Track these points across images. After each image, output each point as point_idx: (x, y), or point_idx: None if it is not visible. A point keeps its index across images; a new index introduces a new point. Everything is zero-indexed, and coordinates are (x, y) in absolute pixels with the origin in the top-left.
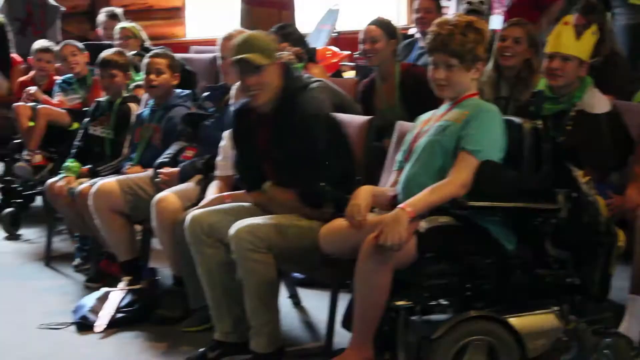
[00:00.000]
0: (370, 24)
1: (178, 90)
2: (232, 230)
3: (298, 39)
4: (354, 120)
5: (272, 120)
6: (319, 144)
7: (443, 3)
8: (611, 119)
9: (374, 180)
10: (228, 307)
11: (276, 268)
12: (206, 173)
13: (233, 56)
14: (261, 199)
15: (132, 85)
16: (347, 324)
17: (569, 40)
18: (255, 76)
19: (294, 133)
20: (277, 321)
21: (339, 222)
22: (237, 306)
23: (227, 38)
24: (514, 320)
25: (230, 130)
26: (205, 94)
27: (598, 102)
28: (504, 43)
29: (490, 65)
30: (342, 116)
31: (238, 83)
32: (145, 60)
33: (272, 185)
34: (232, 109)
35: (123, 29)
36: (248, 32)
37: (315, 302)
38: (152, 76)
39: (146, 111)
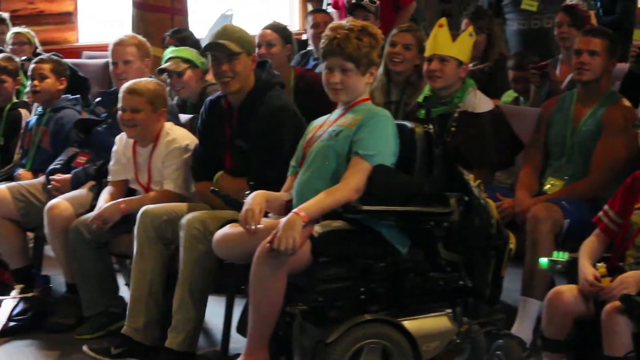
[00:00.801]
0: (265, 28)
1: (66, 95)
2: (185, 219)
3: (193, 44)
4: None
5: (241, 112)
6: (284, 139)
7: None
8: (494, 118)
9: None
10: (147, 306)
11: (216, 265)
12: (99, 179)
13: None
14: (205, 190)
15: (26, 90)
16: (242, 329)
17: (445, 42)
18: (229, 63)
19: (262, 124)
20: (199, 323)
21: (234, 228)
22: (155, 308)
23: (118, 43)
24: (408, 323)
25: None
26: (98, 99)
27: (480, 102)
28: (394, 49)
29: (380, 70)
30: None
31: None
32: (31, 66)
33: (223, 174)
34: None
35: (18, 34)
36: (138, 36)
37: (211, 307)
38: (36, 82)
39: (34, 117)
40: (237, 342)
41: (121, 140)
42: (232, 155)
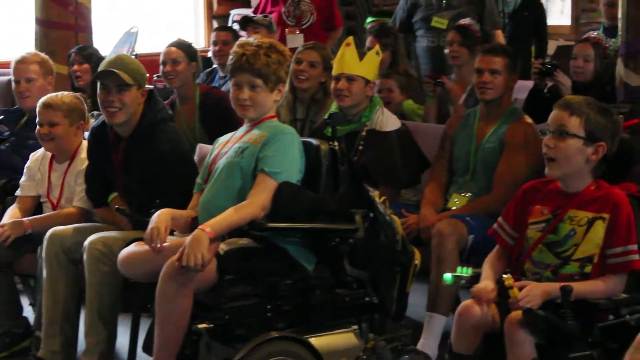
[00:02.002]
0: (170, 46)
1: None
2: (87, 241)
3: (99, 61)
4: None
5: (127, 148)
6: (172, 182)
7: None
8: (401, 136)
9: None
10: (62, 326)
11: (122, 284)
12: (2, 197)
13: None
14: (107, 215)
15: None
16: (148, 348)
17: (352, 61)
18: (118, 94)
19: (149, 166)
20: (111, 342)
21: (139, 246)
22: (71, 329)
23: (21, 61)
24: (314, 340)
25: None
26: (0, 117)
27: (387, 121)
28: (300, 66)
29: (286, 87)
30: None
31: None
32: None
33: (117, 197)
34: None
35: None
36: (40, 54)
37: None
38: None
39: None
40: None
41: (36, 156)
42: (121, 190)
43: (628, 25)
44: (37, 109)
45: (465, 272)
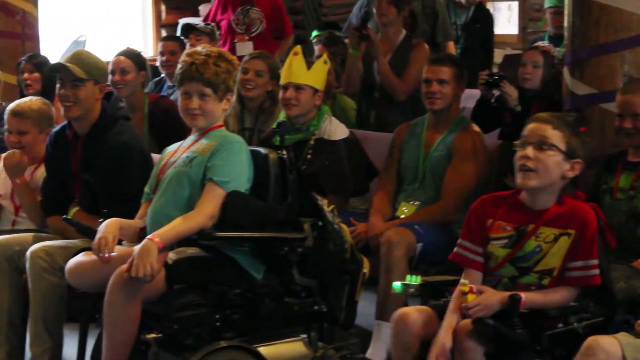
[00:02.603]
0: (119, 55)
1: None
2: (29, 250)
3: (49, 70)
4: None
5: (86, 143)
6: (131, 176)
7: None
8: (349, 145)
9: None
10: (7, 336)
11: (67, 293)
12: None
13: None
14: (58, 224)
15: None
16: (96, 358)
17: (300, 70)
18: (72, 88)
19: (108, 160)
20: (57, 351)
21: (87, 256)
22: (16, 338)
23: None
24: (263, 349)
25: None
26: None
27: (336, 130)
28: (246, 75)
29: (234, 97)
30: None
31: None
32: None
33: (79, 211)
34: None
35: None
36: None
37: (64, 336)
38: None
39: None
40: None
41: (3, 156)
42: (80, 188)
43: (574, 34)
44: (5, 117)
45: (414, 280)
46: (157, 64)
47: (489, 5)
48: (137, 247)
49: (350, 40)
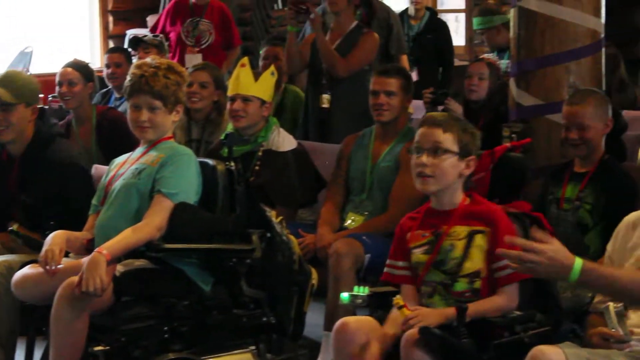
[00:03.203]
0: (66, 67)
1: None
2: None
3: None
4: None
5: (22, 164)
6: (72, 194)
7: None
8: (297, 156)
9: None
10: None
11: (20, 307)
12: None
13: None
14: (7, 240)
15: None
16: None
17: (247, 81)
18: (3, 113)
19: (47, 179)
20: None
21: (33, 269)
22: None
23: None
24: None
25: None
26: None
27: (284, 141)
28: (191, 88)
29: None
30: None
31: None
32: None
33: (19, 227)
34: None
35: None
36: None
37: None
38: None
39: None
40: None
41: None
42: (18, 209)
43: (519, 45)
44: None
45: (362, 291)
46: (104, 75)
47: None
48: (85, 260)
49: (288, 16)
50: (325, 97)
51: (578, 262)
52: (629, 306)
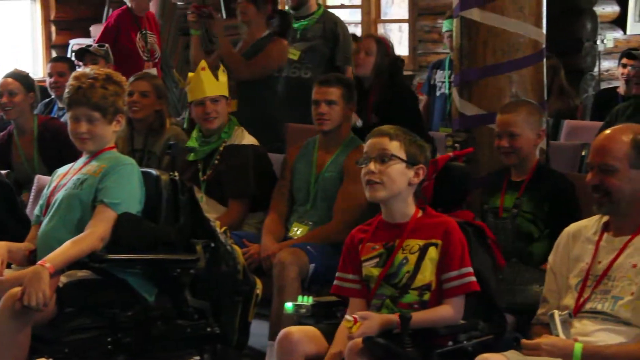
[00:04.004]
0: (6, 77)
1: None
2: None
3: None
4: None
5: None
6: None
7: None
8: (257, 152)
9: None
10: None
11: None
12: None
13: None
14: None
15: None
16: None
17: (211, 83)
18: None
19: None
20: None
21: None
22: None
23: None
24: None
25: None
26: None
27: (246, 137)
28: (132, 97)
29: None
30: None
31: None
32: None
33: None
34: None
35: None
36: None
37: None
38: None
39: None
40: None
41: None
42: None
43: (462, 55)
44: None
45: (305, 300)
46: (47, 85)
47: (380, 27)
48: (27, 272)
49: (190, 20)
50: (233, 102)
51: (578, 347)
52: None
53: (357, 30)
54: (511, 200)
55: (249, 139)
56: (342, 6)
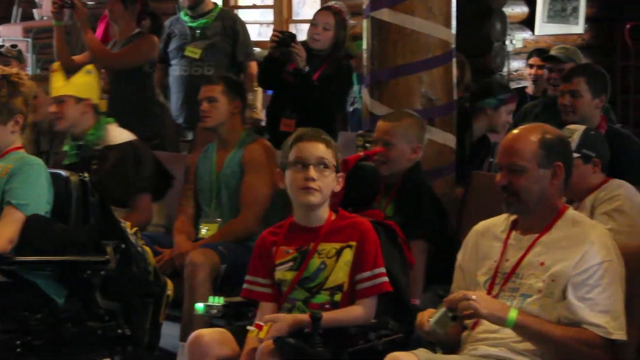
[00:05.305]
0: None
1: None
2: None
3: None
4: None
5: None
6: None
7: None
8: (135, 147)
9: None
10: None
11: None
12: None
13: None
14: None
15: None
16: None
17: (58, 83)
18: None
19: None
20: None
21: None
22: None
23: None
24: None
25: None
26: None
27: (121, 134)
28: (36, 100)
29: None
30: None
31: None
32: None
33: None
34: None
35: None
36: None
37: None
38: None
39: None
40: None
41: None
42: None
43: (373, 55)
44: None
45: (216, 301)
46: None
47: (292, 27)
48: None
49: (52, 10)
50: (103, 102)
51: (514, 311)
52: None
53: (269, 31)
54: (382, 204)
55: (123, 135)
56: (254, 6)
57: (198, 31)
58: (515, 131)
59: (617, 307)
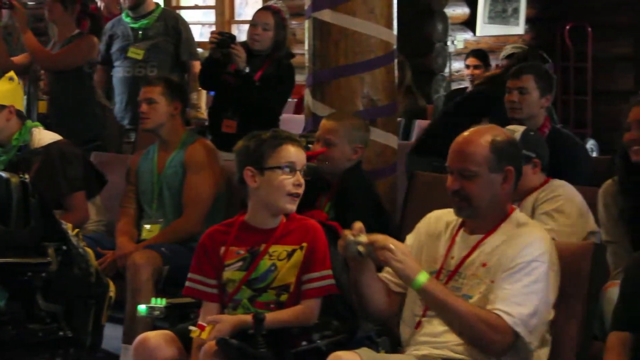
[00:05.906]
0: None
1: None
2: None
3: None
4: None
5: None
6: None
7: None
8: (61, 147)
9: None
10: None
11: None
12: None
13: None
14: None
15: None
16: None
17: None
18: None
19: None
20: None
21: None
22: None
23: None
24: None
25: None
26: None
27: (46, 136)
28: None
29: None
30: None
31: None
32: None
33: None
34: None
35: None
36: None
37: None
38: None
39: None
40: None
41: None
42: None
43: (315, 56)
44: None
45: (159, 302)
46: None
47: (234, 28)
48: None
49: None
50: (42, 102)
51: (424, 274)
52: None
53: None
54: (322, 203)
55: (50, 136)
56: (196, 7)
57: (140, 32)
58: (466, 134)
59: (532, 306)
